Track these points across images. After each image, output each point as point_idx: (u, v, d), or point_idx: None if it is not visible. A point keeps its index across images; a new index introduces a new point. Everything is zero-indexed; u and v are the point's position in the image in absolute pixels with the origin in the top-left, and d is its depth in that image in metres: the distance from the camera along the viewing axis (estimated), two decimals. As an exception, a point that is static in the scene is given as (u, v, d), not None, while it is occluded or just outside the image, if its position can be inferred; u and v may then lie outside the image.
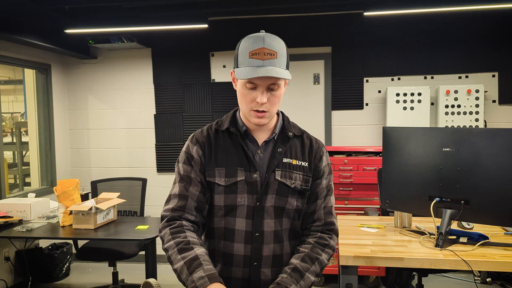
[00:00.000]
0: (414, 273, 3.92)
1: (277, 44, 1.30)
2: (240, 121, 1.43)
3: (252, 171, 1.37)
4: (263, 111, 1.32)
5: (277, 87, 1.31)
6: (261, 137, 1.42)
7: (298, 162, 1.41)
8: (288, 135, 1.43)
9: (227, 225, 1.38)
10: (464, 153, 1.96)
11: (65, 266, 4.23)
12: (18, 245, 3.81)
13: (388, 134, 2.23)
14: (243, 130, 1.41)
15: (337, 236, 1.47)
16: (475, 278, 4.07)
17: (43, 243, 4.19)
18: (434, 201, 2.02)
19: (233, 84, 1.39)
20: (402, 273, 3.86)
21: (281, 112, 1.48)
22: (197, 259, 1.25)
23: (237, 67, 1.31)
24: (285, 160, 1.40)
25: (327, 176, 1.46)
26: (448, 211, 2.00)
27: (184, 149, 1.45)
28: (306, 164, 1.42)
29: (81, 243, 3.56)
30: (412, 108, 4.01)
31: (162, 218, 1.39)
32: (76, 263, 4.65)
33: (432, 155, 2.06)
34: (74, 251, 3.73)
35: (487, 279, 3.94)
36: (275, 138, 1.42)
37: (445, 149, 2.01)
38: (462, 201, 1.96)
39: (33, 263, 3.91)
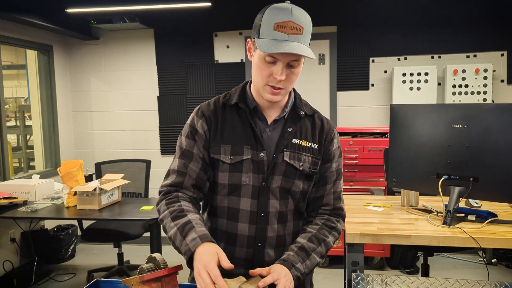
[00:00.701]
0: (420, 254, 3.91)
1: (305, 19, 1.21)
2: (250, 96, 1.36)
3: (259, 150, 1.31)
4: (279, 88, 1.25)
5: (297, 64, 1.24)
6: (271, 115, 1.35)
7: (308, 144, 1.35)
8: (300, 114, 1.36)
9: (231, 205, 1.34)
10: (473, 129, 1.92)
11: (71, 248, 4.25)
12: (23, 226, 3.82)
13: (396, 111, 2.18)
14: (252, 106, 1.34)
15: (344, 220, 1.44)
16: (480, 259, 4.06)
17: (48, 225, 4.21)
18: (442, 178, 1.99)
19: (248, 54, 1.31)
20: (407, 254, 3.86)
21: (293, 89, 1.40)
22: (189, 223, 1.22)
23: (258, 38, 1.22)
24: (294, 141, 1.34)
25: (337, 160, 1.41)
26: (457, 189, 1.97)
27: (188, 121, 1.38)
28: (316, 146, 1.36)
29: (86, 224, 3.57)
30: (418, 88, 3.95)
31: (159, 193, 1.37)
32: (81, 244, 4.68)
33: (440, 132, 2.01)
34: (79, 232, 3.75)
35: (493, 260, 3.93)
36: (286, 117, 1.36)
37: (454, 126, 1.96)
38: (471, 179, 1.93)
39: (38, 244, 3.93)
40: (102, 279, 1.37)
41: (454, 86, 3.90)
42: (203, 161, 1.34)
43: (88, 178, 3.39)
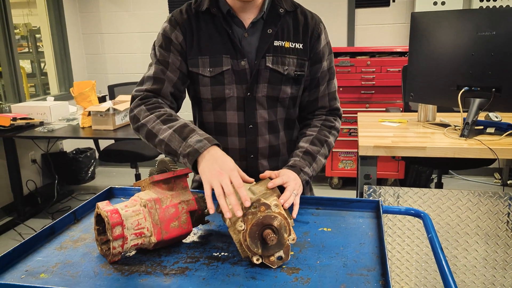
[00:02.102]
0: (434, 176, 3.92)
1: None
2: None
3: (239, 58, 1.22)
4: None
5: None
6: (247, 18, 1.23)
7: (292, 44, 1.24)
8: (279, 12, 1.24)
9: (218, 120, 1.29)
10: (500, 36, 1.79)
11: (90, 170, 4.38)
12: (42, 147, 3.91)
13: (417, 20, 2.05)
14: (225, 10, 1.23)
15: (341, 119, 1.39)
16: (496, 180, 4.06)
17: (67, 148, 4.31)
18: (463, 90, 1.90)
19: None
20: (421, 175, 3.86)
21: None
22: (187, 126, 1.11)
23: None
24: (276, 43, 1.23)
25: (328, 57, 1.31)
26: (477, 100, 1.89)
27: (161, 31, 1.26)
28: (301, 45, 1.26)
29: (102, 146, 3.64)
30: (443, 3, 3.71)
31: (134, 97, 1.22)
32: (100, 167, 4.82)
33: (464, 41, 1.89)
34: (97, 156, 3.83)
35: (508, 181, 3.92)
36: (264, 17, 1.24)
37: (480, 33, 1.84)
38: (493, 89, 1.84)
39: (59, 166, 4.05)
40: (116, 186, 1.39)
41: (481, 0, 3.64)
42: (180, 71, 1.24)
43: (101, 100, 3.39)
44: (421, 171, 3.79)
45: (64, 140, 4.23)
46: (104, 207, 0.97)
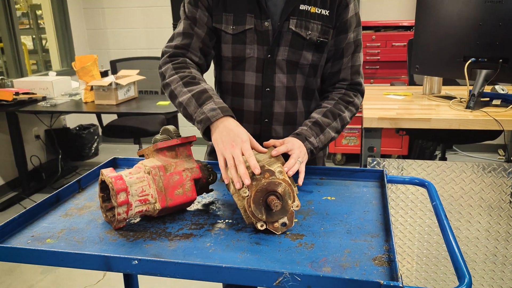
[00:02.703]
0: (438, 152, 3.91)
1: None
2: None
3: (263, 18, 1.21)
4: None
5: None
6: None
7: (318, 10, 1.22)
8: None
9: (236, 80, 1.29)
10: (509, 4, 1.75)
11: (94, 146, 4.39)
12: (46, 122, 3.91)
13: (424, -11, 2.01)
14: None
15: (363, 96, 1.36)
16: (500, 157, 4.05)
17: (70, 124, 4.31)
18: (469, 61, 1.87)
19: None
20: (424, 151, 3.85)
21: None
22: (206, 92, 1.13)
23: None
24: (302, 7, 1.21)
25: (355, 29, 1.28)
26: (483, 71, 1.86)
27: None
28: (327, 12, 1.23)
29: (105, 121, 3.63)
30: (450, -25, 3.62)
31: (163, 54, 1.25)
32: (104, 144, 4.82)
33: (471, 10, 1.85)
34: (100, 132, 3.83)
35: (512, 157, 3.91)
36: None
37: (488, 2, 1.80)
38: (500, 60, 1.81)
39: (62, 142, 4.06)
40: (120, 156, 1.39)
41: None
42: (207, 27, 1.25)
43: (104, 74, 3.37)
44: (425, 147, 3.78)
45: (67, 116, 4.23)
46: (108, 173, 0.97)
